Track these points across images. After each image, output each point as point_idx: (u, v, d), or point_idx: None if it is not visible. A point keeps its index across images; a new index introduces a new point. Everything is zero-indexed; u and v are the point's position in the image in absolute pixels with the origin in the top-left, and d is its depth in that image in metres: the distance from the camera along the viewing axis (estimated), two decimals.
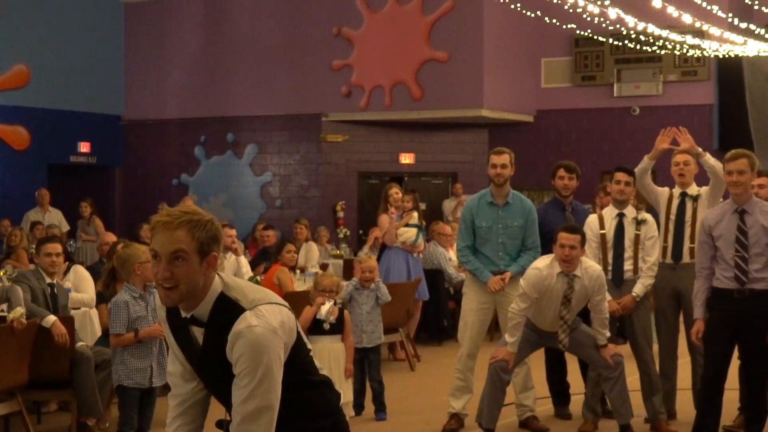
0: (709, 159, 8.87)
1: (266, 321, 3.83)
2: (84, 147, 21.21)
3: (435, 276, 13.32)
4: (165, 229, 3.83)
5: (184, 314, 3.94)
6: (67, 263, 9.68)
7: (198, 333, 3.97)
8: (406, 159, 20.32)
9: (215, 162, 21.18)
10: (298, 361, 4.03)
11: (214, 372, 3.99)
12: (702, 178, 9.10)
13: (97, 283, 9.52)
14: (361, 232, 19.03)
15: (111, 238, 12.26)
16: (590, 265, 8.06)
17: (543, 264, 8.01)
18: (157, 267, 3.84)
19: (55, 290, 8.70)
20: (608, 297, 8.31)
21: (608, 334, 8.16)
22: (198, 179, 21.30)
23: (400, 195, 12.64)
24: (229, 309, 3.87)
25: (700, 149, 8.96)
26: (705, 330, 7.56)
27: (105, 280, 9.18)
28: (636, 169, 8.99)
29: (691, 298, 7.82)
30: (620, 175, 8.98)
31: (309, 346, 4.17)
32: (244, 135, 20.78)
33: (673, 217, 8.81)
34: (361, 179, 20.27)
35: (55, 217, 17.43)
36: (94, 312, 9.42)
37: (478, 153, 20.37)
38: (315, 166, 20.21)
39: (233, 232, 12.21)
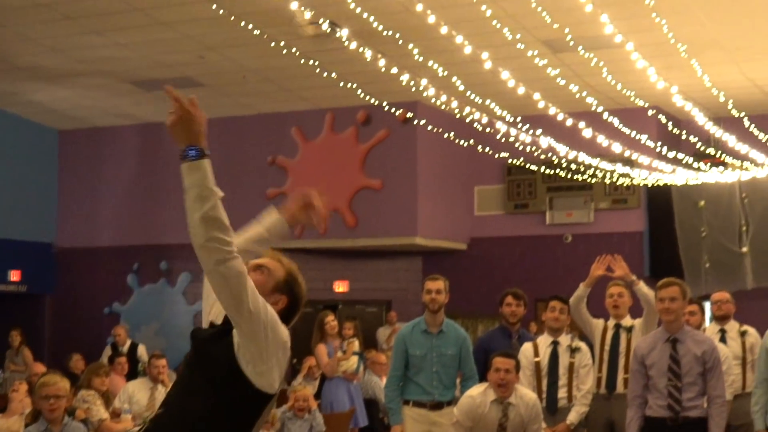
0: (643, 287, 8.97)
1: None
2: (14, 275, 20.93)
3: (370, 405, 13.18)
4: None
5: None
6: None
7: None
8: (341, 287, 20.27)
9: (148, 290, 20.98)
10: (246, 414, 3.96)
11: None
12: (636, 310, 9.17)
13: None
14: (294, 360, 18.82)
15: (40, 369, 12.03)
16: (525, 392, 8.02)
17: (477, 392, 7.97)
18: None
19: None
20: (543, 425, 8.27)
21: None
22: (130, 308, 21.07)
23: (336, 324, 12.58)
24: None
25: (634, 277, 9.07)
26: None
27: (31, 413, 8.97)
28: (572, 297, 9.05)
29: (625, 427, 7.79)
30: (555, 303, 9.03)
31: (264, 417, 4.15)
32: (178, 263, 20.64)
33: (607, 347, 8.87)
34: None
35: None
36: None
37: (412, 281, 20.37)
38: None
39: (163, 362, 12.02)
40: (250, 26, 13.22)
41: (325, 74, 14.31)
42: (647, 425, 7.48)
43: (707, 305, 11.86)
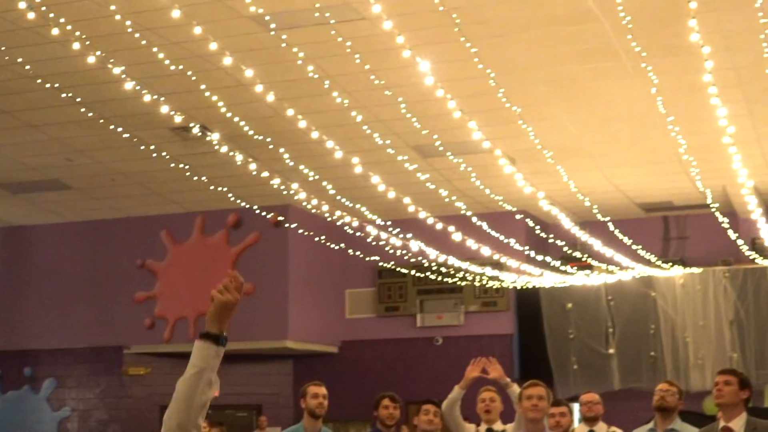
0: (516, 389, 9.01)
1: None
2: None
3: None
4: None
5: None
6: None
7: None
8: None
9: (11, 397, 20.38)
10: None
11: None
12: (507, 414, 9.21)
13: None
14: None
15: None
16: None
17: None
18: None
19: None
20: None
21: None
22: None
23: (207, 429, 12.36)
24: None
25: (509, 379, 9.13)
26: None
27: None
28: (446, 400, 9.05)
29: None
30: (429, 407, 9.02)
31: None
32: (43, 369, 20.13)
33: None
34: (164, 412, 19.68)
35: None
36: None
37: (283, 384, 20.20)
38: (116, 400, 19.65)
39: None
40: (120, 129, 13.15)
41: (195, 178, 14.26)
42: None
43: (576, 406, 11.99)
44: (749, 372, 17.43)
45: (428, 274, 18.19)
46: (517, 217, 15.75)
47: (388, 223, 15.35)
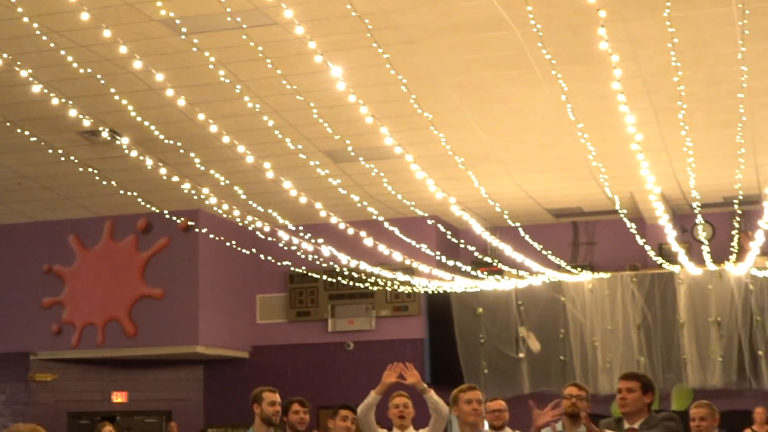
0: (434, 395, 9.06)
1: None
2: None
3: None
4: None
5: None
6: None
7: None
8: (119, 398, 19.75)
9: None
10: None
11: None
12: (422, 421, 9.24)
13: None
14: None
15: None
16: None
17: None
18: None
19: None
20: None
21: None
22: None
23: None
24: None
25: (426, 385, 9.15)
26: None
27: None
28: (361, 405, 9.04)
29: None
30: (346, 413, 9.02)
31: None
32: None
33: None
34: (71, 419, 19.49)
35: None
36: None
37: (193, 390, 20.06)
38: (22, 406, 19.34)
39: None
40: (27, 132, 12.95)
41: (104, 182, 14.08)
42: None
43: None
44: (656, 376, 17.71)
45: (340, 279, 18.18)
46: (429, 222, 15.79)
47: (300, 228, 15.31)
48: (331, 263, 16.65)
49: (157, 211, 15.10)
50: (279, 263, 17.41)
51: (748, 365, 17.53)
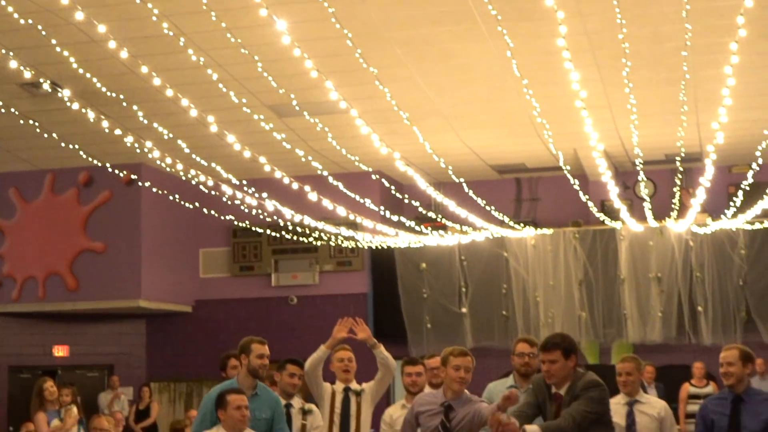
0: (383, 350, 9.12)
1: None
2: None
3: None
4: None
5: None
6: None
7: None
8: (60, 351, 19.65)
9: None
10: None
11: None
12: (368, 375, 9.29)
13: None
14: (11, 429, 18.11)
15: None
16: None
17: None
18: None
19: None
20: None
21: None
22: None
23: (55, 390, 12.16)
24: None
25: (375, 340, 9.20)
26: None
27: None
28: (310, 359, 9.07)
29: None
30: (294, 368, 9.04)
31: None
32: None
33: (338, 411, 8.92)
34: (12, 373, 19.37)
35: None
36: None
37: (136, 344, 20.00)
38: None
39: None
40: None
41: (45, 135, 13.92)
42: None
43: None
44: (597, 331, 17.91)
45: (283, 233, 18.16)
46: (373, 177, 15.81)
47: (243, 182, 15.25)
48: (275, 218, 16.62)
49: (99, 164, 14.97)
50: (222, 217, 17.36)
51: (688, 321, 17.75)
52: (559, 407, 6.65)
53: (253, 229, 18.39)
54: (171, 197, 16.60)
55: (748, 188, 15.25)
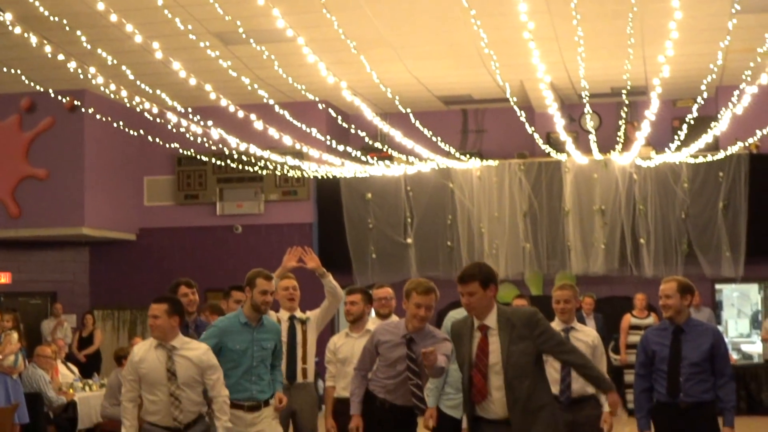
0: (332, 279, 9.19)
1: None
2: None
3: (35, 400, 12.76)
4: None
5: None
6: None
7: None
8: (3, 278, 19.50)
9: None
10: None
11: None
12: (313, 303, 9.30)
13: None
14: None
15: None
16: None
17: None
18: None
19: None
20: None
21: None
22: None
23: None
24: None
25: (324, 269, 9.25)
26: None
27: None
28: None
29: (304, 417, 7.87)
30: (239, 295, 9.09)
31: None
32: None
33: (285, 339, 8.95)
34: None
35: None
36: None
37: (79, 272, 19.91)
38: None
39: None
40: None
41: None
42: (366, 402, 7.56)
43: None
44: (540, 262, 18.08)
45: (229, 162, 18.07)
46: (319, 106, 15.73)
47: (189, 110, 15.13)
48: (220, 146, 16.52)
49: (42, 90, 14.78)
50: (167, 145, 17.23)
51: (630, 253, 17.95)
52: (485, 336, 6.58)
53: (198, 157, 18.29)
54: (115, 124, 16.44)
55: (692, 122, 15.37)
